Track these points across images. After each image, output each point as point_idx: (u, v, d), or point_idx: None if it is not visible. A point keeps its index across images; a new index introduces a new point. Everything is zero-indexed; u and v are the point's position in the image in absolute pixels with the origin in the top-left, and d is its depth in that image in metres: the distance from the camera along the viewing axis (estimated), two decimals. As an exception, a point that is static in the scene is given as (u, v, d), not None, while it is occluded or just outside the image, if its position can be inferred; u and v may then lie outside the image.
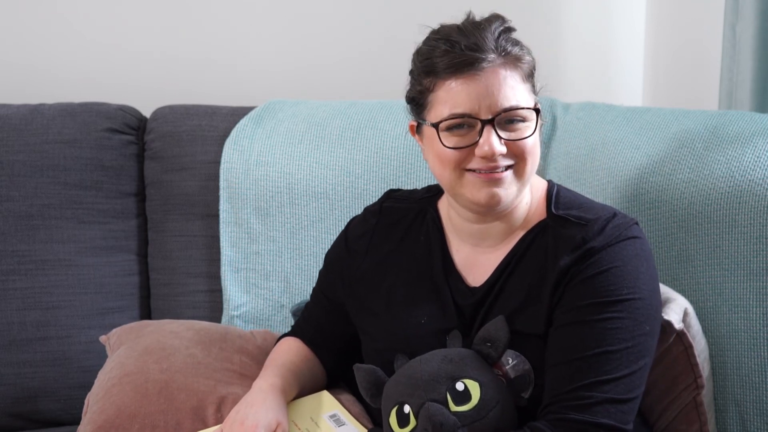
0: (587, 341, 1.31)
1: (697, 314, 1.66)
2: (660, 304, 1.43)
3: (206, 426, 1.51)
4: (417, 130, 1.45)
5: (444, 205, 1.51)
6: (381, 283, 1.51)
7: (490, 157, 1.34)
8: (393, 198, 1.58)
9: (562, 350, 1.33)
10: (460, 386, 1.30)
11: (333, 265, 1.60)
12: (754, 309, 1.66)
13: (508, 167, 1.37)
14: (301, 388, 1.55)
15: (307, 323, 1.64)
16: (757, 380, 1.66)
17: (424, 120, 1.40)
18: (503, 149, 1.35)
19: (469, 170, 1.37)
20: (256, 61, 2.37)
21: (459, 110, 1.35)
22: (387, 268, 1.52)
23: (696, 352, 1.58)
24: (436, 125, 1.37)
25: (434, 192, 1.55)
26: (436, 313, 1.45)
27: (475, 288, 1.45)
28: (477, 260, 1.47)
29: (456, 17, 1.43)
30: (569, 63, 2.42)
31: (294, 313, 1.81)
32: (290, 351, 1.60)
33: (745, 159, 1.72)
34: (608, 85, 2.50)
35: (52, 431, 1.96)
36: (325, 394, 1.57)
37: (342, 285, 1.56)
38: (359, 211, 1.74)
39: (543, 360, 1.36)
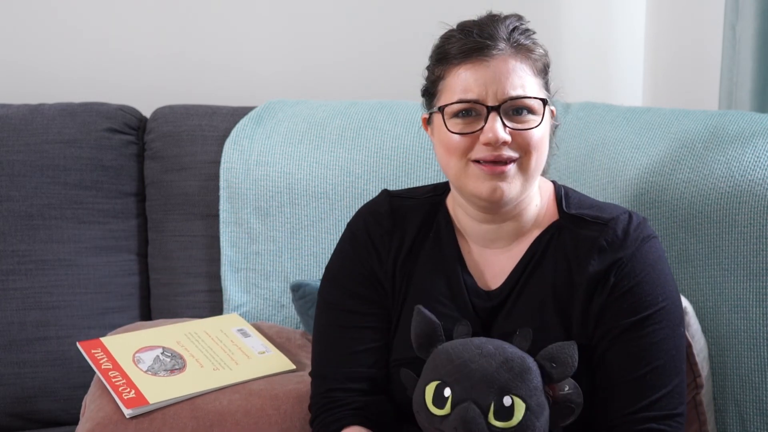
0: (637, 361, 1.34)
1: (697, 314, 1.66)
2: (679, 296, 1.44)
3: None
4: (428, 121, 1.43)
5: (451, 204, 1.48)
6: (402, 282, 1.45)
7: (494, 144, 1.32)
8: (397, 196, 1.50)
9: (613, 373, 1.35)
10: (507, 401, 1.26)
11: (354, 261, 1.46)
12: (754, 309, 1.66)
13: (512, 160, 1.34)
14: None
15: (334, 378, 1.44)
16: (756, 380, 1.66)
17: (434, 108, 1.40)
18: (507, 138, 1.33)
19: (475, 162, 1.35)
20: (256, 61, 2.37)
21: (466, 96, 1.34)
22: (405, 268, 1.45)
23: (695, 351, 1.59)
24: (442, 109, 1.36)
25: (440, 191, 1.51)
26: (453, 315, 1.41)
27: (491, 292, 1.42)
28: (489, 261, 1.44)
29: (455, 18, 1.43)
30: (569, 63, 2.42)
31: (294, 289, 1.82)
32: None
33: (745, 159, 1.72)
34: (608, 85, 2.50)
35: (52, 431, 1.96)
36: (236, 316, 1.77)
37: (378, 277, 1.45)
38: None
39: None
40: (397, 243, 1.45)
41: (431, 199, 1.50)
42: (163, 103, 2.12)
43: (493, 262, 1.44)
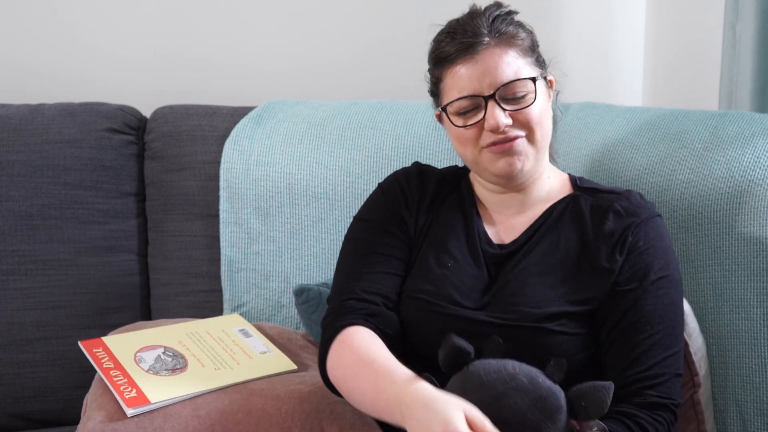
0: (651, 320, 1.43)
1: (697, 314, 1.66)
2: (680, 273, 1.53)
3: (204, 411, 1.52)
4: (440, 118, 1.56)
5: (472, 177, 1.62)
6: (424, 226, 1.56)
7: (497, 130, 1.45)
8: (426, 165, 1.64)
9: (634, 331, 1.43)
10: None
11: (384, 205, 1.58)
12: (755, 309, 1.66)
13: (519, 137, 1.47)
14: None
15: (358, 285, 1.50)
16: (757, 380, 1.66)
17: (441, 107, 1.53)
18: (508, 121, 1.45)
19: (486, 147, 1.47)
20: (256, 61, 2.37)
21: (463, 93, 1.47)
22: (428, 215, 1.57)
23: (692, 350, 1.59)
24: (444, 108, 1.50)
25: (463, 169, 1.64)
26: (463, 257, 1.51)
27: (503, 244, 1.53)
28: (504, 223, 1.56)
29: (455, 14, 1.46)
30: (569, 63, 2.42)
31: (297, 294, 1.82)
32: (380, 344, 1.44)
33: (745, 159, 1.72)
34: (608, 85, 2.50)
35: (52, 431, 1.96)
36: (237, 316, 1.80)
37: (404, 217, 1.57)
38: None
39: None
40: (421, 194, 1.58)
41: (455, 170, 1.65)
42: (163, 103, 2.12)
43: (508, 224, 1.56)
